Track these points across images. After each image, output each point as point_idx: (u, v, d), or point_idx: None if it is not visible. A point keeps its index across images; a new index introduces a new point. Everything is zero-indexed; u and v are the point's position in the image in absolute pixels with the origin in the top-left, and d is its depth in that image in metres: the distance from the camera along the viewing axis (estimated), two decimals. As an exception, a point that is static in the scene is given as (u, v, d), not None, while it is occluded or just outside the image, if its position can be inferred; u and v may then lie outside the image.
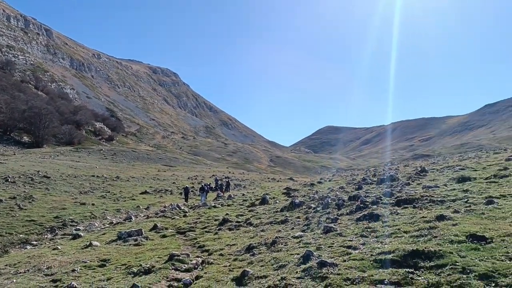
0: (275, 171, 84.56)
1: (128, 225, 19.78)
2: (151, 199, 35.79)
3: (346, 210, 13.66)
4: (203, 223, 17.07)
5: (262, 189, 37.95)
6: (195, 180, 52.31)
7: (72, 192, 34.81)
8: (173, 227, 17.00)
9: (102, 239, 15.61)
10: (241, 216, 17.72)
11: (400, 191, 15.38)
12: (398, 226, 9.53)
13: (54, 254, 13.70)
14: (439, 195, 12.80)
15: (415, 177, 19.74)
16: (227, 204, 24.53)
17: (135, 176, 50.65)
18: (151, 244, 13.45)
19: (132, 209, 29.67)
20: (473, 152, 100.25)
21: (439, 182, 16.16)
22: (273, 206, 19.40)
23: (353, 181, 25.72)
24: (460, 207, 10.53)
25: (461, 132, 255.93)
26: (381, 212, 11.57)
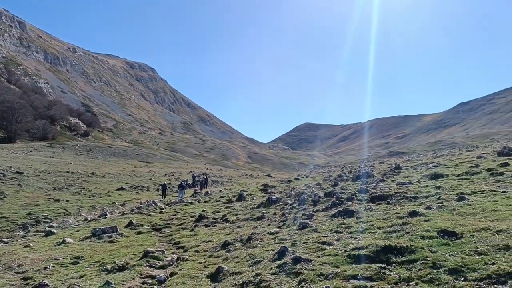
0: (253, 168, 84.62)
1: (103, 221, 19.52)
2: (127, 195, 35.38)
3: (322, 206, 13.78)
4: (179, 220, 16.98)
5: (240, 186, 38.00)
6: (172, 177, 51.92)
7: (46, 188, 34.13)
8: (149, 223, 16.86)
9: (75, 236, 15.35)
10: (217, 213, 17.69)
11: (374, 188, 15.58)
12: (372, 222, 9.66)
13: (26, 251, 13.40)
14: (412, 191, 13.01)
15: (390, 174, 20.04)
16: (204, 200, 24.45)
17: (111, 172, 49.99)
18: (126, 241, 13.30)
19: (107, 206, 29.29)
20: (446, 149, 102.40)
21: (413, 179, 16.44)
22: (250, 203, 19.43)
23: (329, 178, 25.97)
24: (433, 203, 10.73)
25: (436, 130, 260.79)
26: (356, 208, 11.71)
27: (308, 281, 6.48)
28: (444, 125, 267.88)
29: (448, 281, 5.73)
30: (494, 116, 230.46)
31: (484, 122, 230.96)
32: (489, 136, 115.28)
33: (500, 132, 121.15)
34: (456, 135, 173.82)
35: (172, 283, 8.09)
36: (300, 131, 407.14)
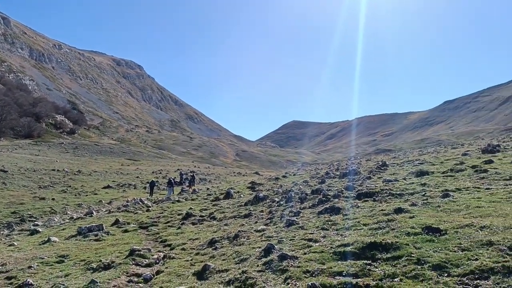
0: (241, 165, 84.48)
1: (89, 220, 19.36)
2: (114, 193, 35.14)
3: (309, 203, 13.82)
4: (166, 218, 16.91)
5: (227, 183, 38.00)
6: (159, 174, 51.68)
7: (31, 186, 33.74)
8: (136, 221, 16.75)
9: (61, 235, 15.20)
10: (205, 211, 17.65)
11: (361, 185, 15.68)
12: (358, 219, 9.72)
13: (10, 250, 13.24)
14: (398, 188, 13.13)
15: (376, 171, 20.17)
16: (191, 198, 24.39)
17: (97, 170, 49.60)
18: (112, 239, 13.20)
19: (93, 204, 29.07)
20: (432, 147, 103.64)
21: (399, 176, 16.58)
22: (238, 200, 19.43)
23: (316, 175, 26.07)
24: (418, 200, 10.83)
25: (422, 128, 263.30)
26: (342, 206, 11.77)
27: (294, 278, 6.49)
28: (430, 122, 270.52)
29: (432, 277, 5.79)
30: (479, 114, 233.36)
31: (470, 119, 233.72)
32: (474, 133, 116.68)
33: (485, 129, 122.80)
34: (442, 132, 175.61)
35: (158, 281, 8.05)
36: (288, 129, 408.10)
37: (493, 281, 5.46)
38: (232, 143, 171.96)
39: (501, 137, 50.45)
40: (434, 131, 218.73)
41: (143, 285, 8.18)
